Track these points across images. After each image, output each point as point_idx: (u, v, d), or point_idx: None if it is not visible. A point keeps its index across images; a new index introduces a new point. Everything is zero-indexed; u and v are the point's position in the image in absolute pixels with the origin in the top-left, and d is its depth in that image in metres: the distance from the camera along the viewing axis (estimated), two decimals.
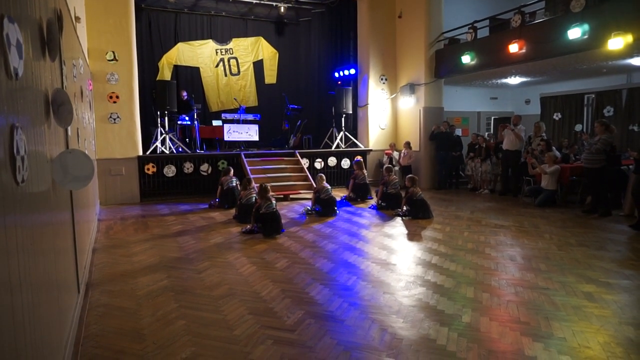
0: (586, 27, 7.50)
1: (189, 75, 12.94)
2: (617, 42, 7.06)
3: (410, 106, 11.72)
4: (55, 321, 2.49)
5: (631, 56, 8.30)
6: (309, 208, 8.10)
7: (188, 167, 9.94)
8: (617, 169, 7.88)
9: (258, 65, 13.90)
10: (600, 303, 3.73)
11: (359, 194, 9.38)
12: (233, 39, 13.49)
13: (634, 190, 6.66)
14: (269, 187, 6.65)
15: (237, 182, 8.70)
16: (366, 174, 9.63)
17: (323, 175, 8.35)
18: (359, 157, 10.22)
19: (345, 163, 11.63)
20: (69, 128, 3.43)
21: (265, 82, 14.01)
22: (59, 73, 3.23)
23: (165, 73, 12.46)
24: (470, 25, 10.15)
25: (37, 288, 2.05)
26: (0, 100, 1.56)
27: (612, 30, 7.11)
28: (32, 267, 1.95)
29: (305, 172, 10.29)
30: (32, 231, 2.01)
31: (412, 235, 6.36)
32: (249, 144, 11.56)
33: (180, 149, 10.25)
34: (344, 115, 11.89)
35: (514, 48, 8.75)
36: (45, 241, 2.36)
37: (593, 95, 11.93)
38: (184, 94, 11.47)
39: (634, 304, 3.73)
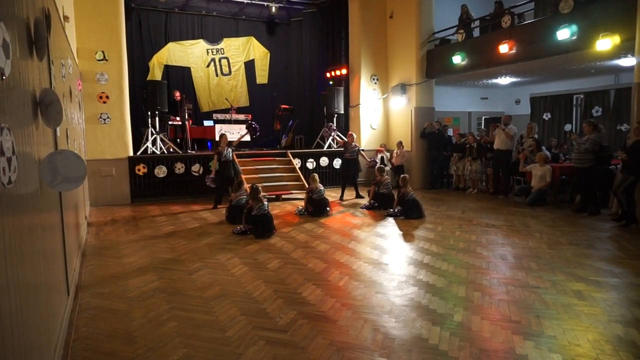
0: (575, 28, 7.57)
1: (179, 75, 12.87)
2: (605, 43, 7.14)
3: (402, 106, 11.76)
4: (44, 324, 2.46)
5: (619, 57, 8.39)
6: (301, 208, 8.09)
7: (179, 168, 9.87)
8: (606, 168, 7.98)
9: (249, 65, 13.87)
10: (589, 301, 3.77)
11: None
12: (224, 39, 13.45)
13: (615, 187, 6.78)
14: (260, 188, 6.61)
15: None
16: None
17: (316, 175, 8.24)
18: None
19: (337, 163, 11.62)
20: (57, 128, 3.39)
21: (257, 82, 13.99)
22: (47, 73, 3.19)
23: (156, 73, 12.38)
24: (460, 26, 10.21)
25: (26, 291, 2.02)
26: None
27: (600, 32, 7.20)
28: (20, 270, 1.92)
29: (297, 172, 10.28)
30: (20, 233, 1.98)
31: (404, 235, 6.37)
32: (240, 144, 11.49)
33: (171, 150, 10.18)
34: (335, 115, 11.89)
35: (504, 48, 8.82)
36: (34, 243, 2.33)
37: (582, 96, 12.07)
38: (177, 94, 11.39)
39: (623, 302, 3.78)
